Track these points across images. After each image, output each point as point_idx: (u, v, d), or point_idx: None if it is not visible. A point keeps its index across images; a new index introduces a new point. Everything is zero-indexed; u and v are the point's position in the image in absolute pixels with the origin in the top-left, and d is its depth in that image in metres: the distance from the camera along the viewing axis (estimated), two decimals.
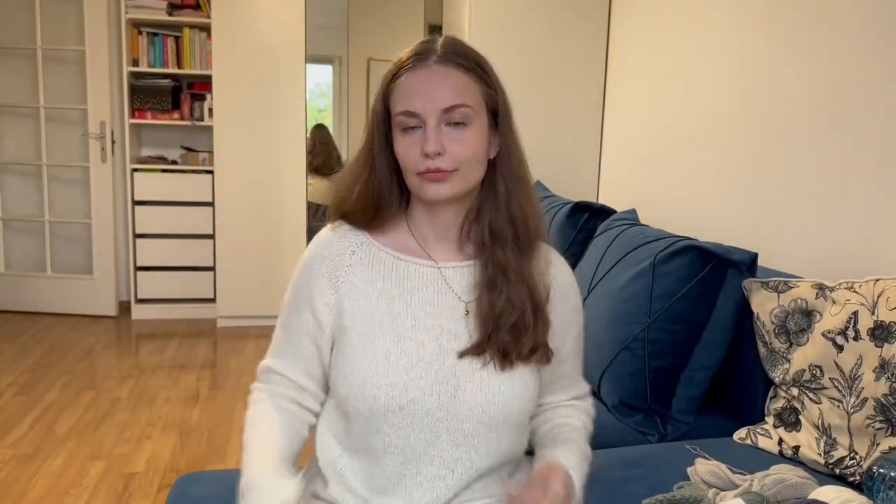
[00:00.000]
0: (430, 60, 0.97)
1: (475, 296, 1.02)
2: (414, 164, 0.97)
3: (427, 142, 0.95)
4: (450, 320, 1.02)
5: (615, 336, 1.75)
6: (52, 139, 4.13)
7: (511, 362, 1.00)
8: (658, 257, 1.72)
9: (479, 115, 0.99)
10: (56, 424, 2.67)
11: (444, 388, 0.99)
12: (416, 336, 1.00)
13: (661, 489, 1.30)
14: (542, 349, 1.02)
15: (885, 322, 1.35)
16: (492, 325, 1.00)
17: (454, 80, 0.97)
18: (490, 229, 1.02)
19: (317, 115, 6.12)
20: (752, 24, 2.18)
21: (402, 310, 1.02)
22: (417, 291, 1.03)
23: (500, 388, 1.00)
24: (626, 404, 1.73)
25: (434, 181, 0.97)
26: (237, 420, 2.76)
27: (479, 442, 1.00)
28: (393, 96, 0.99)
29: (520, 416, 1.03)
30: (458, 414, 0.99)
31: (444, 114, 0.96)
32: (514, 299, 1.00)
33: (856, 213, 1.75)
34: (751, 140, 2.17)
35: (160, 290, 4.14)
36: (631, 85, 3.01)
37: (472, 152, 0.97)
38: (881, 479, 1.12)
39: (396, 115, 0.97)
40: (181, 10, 3.99)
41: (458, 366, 1.00)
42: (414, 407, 0.98)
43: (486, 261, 1.02)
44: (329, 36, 5.55)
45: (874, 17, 1.71)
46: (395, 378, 0.98)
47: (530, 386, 1.04)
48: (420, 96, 0.95)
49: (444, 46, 0.99)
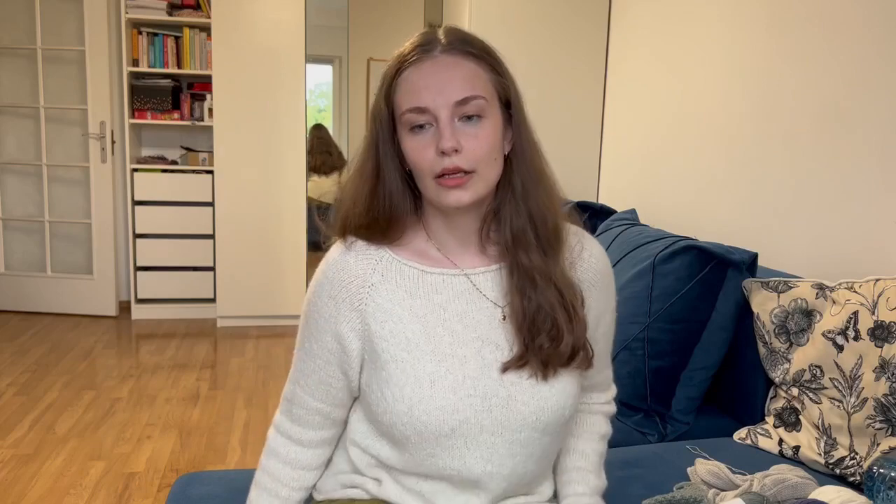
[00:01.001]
0: (435, 51, 0.90)
1: (509, 300, 0.97)
2: (430, 166, 0.89)
3: (442, 137, 0.87)
4: (488, 329, 0.96)
5: (615, 336, 1.75)
6: (52, 139, 4.13)
7: (554, 370, 0.96)
8: (658, 257, 1.72)
9: (493, 107, 0.91)
10: (56, 424, 2.67)
11: (496, 402, 0.94)
12: (457, 352, 0.95)
13: (661, 489, 1.30)
14: (582, 352, 0.97)
15: (885, 322, 1.35)
16: (527, 332, 0.94)
17: (464, 69, 0.89)
18: (511, 232, 0.95)
19: (317, 115, 6.12)
20: (752, 23, 2.18)
21: (438, 326, 0.95)
22: (450, 304, 0.96)
23: (550, 391, 0.96)
24: (626, 404, 1.73)
25: (454, 187, 0.89)
26: (237, 420, 2.76)
27: (535, 449, 0.98)
28: (397, 94, 0.91)
29: (571, 414, 1.00)
30: (511, 425, 0.95)
31: (456, 107, 0.88)
32: (545, 304, 0.94)
33: (856, 213, 1.75)
34: (751, 140, 2.17)
35: (160, 290, 4.14)
36: (631, 85, 3.01)
37: (489, 148, 0.90)
38: (881, 479, 1.12)
39: (403, 113, 0.89)
40: (181, 10, 3.99)
41: (506, 376, 0.95)
42: (467, 427, 0.93)
43: (512, 267, 0.96)
44: (329, 36, 5.55)
45: (874, 18, 1.71)
46: (443, 401, 0.93)
47: (578, 384, 1.01)
48: (429, 90, 0.88)
49: (447, 35, 0.92)
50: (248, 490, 1.11)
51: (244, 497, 1.14)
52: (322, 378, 1.00)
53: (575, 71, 3.21)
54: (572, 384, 0.98)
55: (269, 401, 2.97)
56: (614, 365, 1.73)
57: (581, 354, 0.97)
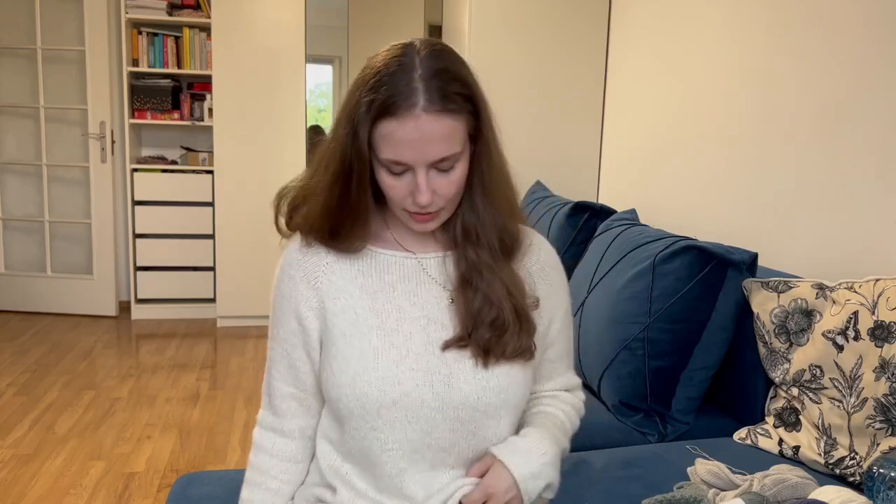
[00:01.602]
0: (416, 109, 0.88)
1: (456, 287, 1.02)
2: (401, 202, 0.96)
3: (419, 192, 0.92)
4: (435, 309, 1.01)
5: (615, 336, 1.75)
6: (52, 139, 4.13)
7: (496, 359, 0.99)
8: (658, 257, 1.72)
9: (465, 151, 0.95)
10: (56, 424, 2.67)
11: (437, 378, 0.98)
12: (402, 328, 0.99)
13: (661, 489, 1.30)
14: (525, 349, 1.01)
15: (885, 322, 1.35)
16: (471, 322, 0.99)
17: (443, 128, 0.90)
18: (462, 227, 1.01)
19: (317, 115, 6.12)
20: (752, 23, 2.18)
21: (387, 303, 1.00)
22: (400, 283, 1.02)
23: (491, 374, 0.99)
24: (626, 404, 1.73)
25: (422, 221, 0.97)
26: (237, 420, 2.76)
27: (477, 427, 1.00)
28: (376, 138, 0.92)
29: (516, 399, 1.02)
30: (452, 402, 0.98)
31: (433, 163, 0.92)
32: (492, 297, 0.99)
33: (856, 213, 1.75)
34: (751, 140, 2.17)
35: (160, 290, 4.14)
36: (631, 85, 3.01)
37: (458, 189, 0.96)
38: (881, 480, 1.12)
39: (383, 160, 0.92)
40: (181, 10, 3.99)
41: (448, 354, 0.99)
42: (408, 400, 0.97)
43: (460, 258, 1.02)
44: (329, 36, 5.54)
45: (874, 17, 1.71)
46: (385, 372, 0.97)
47: (523, 372, 1.03)
48: (410, 149, 0.90)
49: (428, 82, 0.89)
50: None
51: None
52: (291, 362, 1.04)
53: (575, 71, 3.21)
54: (517, 370, 1.01)
55: None
56: (614, 365, 1.75)
57: (524, 350, 1.01)
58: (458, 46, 1.57)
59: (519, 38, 3.14)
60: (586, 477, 1.40)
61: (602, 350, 1.79)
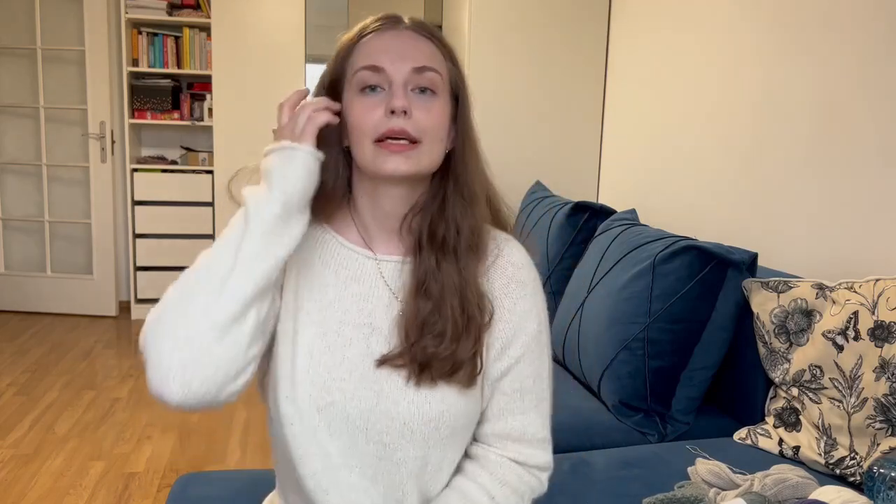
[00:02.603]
0: (400, 26, 0.90)
1: (408, 294, 0.92)
2: (374, 127, 0.85)
3: (394, 97, 0.85)
4: (382, 319, 0.91)
5: (615, 336, 1.75)
6: (52, 139, 4.13)
7: (431, 379, 0.88)
8: (658, 257, 1.72)
9: (445, 91, 0.90)
10: (56, 424, 2.67)
11: (366, 394, 0.88)
12: (343, 332, 0.90)
13: (661, 489, 1.30)
14: (468, 367, 0.89)
15: (885, 322, 1.35)
16: (415, 333, 0.89)
17: (425, 46, 0.89)
18: (429, 230, 0.91)
19: None
20: (752, 24, 2.18)
21: (335, 300, 0.91)
22: (353, 283, 0.92)
23: (423, 397, 0.88)
24: (626, 404, 1.73)
25: (395, 152, 0.85)
26: (237, 420, 2.76)
27: (403, 458, 0.90)
28: (352, 57, 0.89)
29: (451, 431, 0.91)
30: (377, 424, 0.88)
31: (412, 74, 0.87)
32: (443, 308, 0.89)
33: (856, 214, 1.75)
34: (751, 140, 2.17)
35: (160, 290, 4.06)
36: (631, 85, 3.01)
37: (437, 123, 0.88)
38: (881, 480, 1.12)
39: (357, 71, 0.87)
40: (181, 10, 3.99)
41: (381, 371, 0.89)
42: (332, 410, 0.87)
43: (419, 263, 0.91)
44: (329, 36, 5.54)
45: (875, 17, 1.71)
46: (316, 376, 0.88)
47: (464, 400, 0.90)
48: (388, 55, 0.86)
49: (412, 20, 0.92)
50: (248, 490, 1.10)
51: (244, 497, 1.14)
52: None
53: (575, 71, 3.21)
54: (453, 396, 0.89)
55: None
56: (614, 365, 1.74)
57: (464, 369, 0.89)
58: (458, 46, 1.57)
59: (519, 37, 3.14)
60: (586, 477, 1.40)
61: (602, 350, 1.79)
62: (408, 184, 0.91)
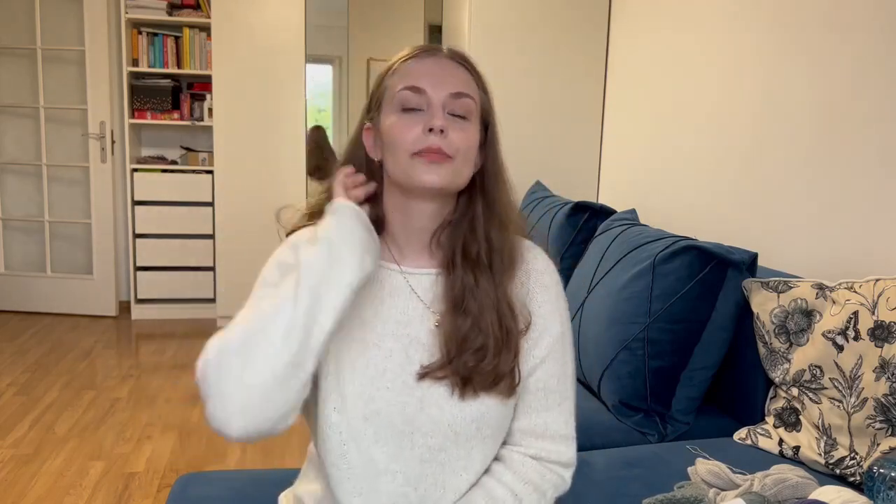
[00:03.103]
0: (439, 54, 0.97)
1: (443, 309, 0.97)
2: (412, 142, 0.92)
3: (435, 117, 0.92)
4: (419, 330, 0.97)
5: (615, 336, 1.75)
6: (52, 139, 4.13)
7: (474, 391, 0.94)
8: (658, 257, 1.72)
9: (476, 117, 0.97)
10: (56, 424, 2.67)
11: (410, 401, 0.93)
12: (383, 344, 0.96)
13: (661, 489, 1.30)
14: (507, 380, 0.95)
15: (885, 322, 1.35)
16: (455, 349, 0.94)
17: (462, 74, 0.97)
18: (463, 247, 0.97)
19: (317, 115, 6.12)
20: (753, 24, 2.18)
21: (372, 316, 0.97)
22: (388, 298, 0.98)
23: (467, 403, 0.94)
24: (626, 404, 1.72)
25: (431, 161, 0.91)
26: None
27: (447, 458, 0.95)
28: (393, 79, 0.96)
29: (492, 430, 0.97)
30: (422, 428, 0.94)
31: (450, 99, 0.94)
32: (482, 324, 0.94)
33: (856, 214, 1.75)
34: (751, 140, 2.17)
35: (160, 290, 4.14)
36: (631, 85, 3.01)
37: (469, 144, 0.95)
38: (881, 480, 1.12)
39: (399, 90, 0.94)
40: (181, 10, 3.99)
41: (425, 381, 0.95)
42: (378, 419, 0.93)
43: (455, 280, 0.97)
44: (329, 36, 5.54)
45: (876, 17, 1.71)
46: (360, 387, 0.93)
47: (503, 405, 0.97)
48: (428, 78, 0.94)
49: (450, 49, 0.99)
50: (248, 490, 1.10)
51: (244, 497, 1.14)
52: None
53: (575, 71, 3.21)
54: (494, 401, 0.95)
55: None
56: (614, 365, 1.74)
57: (505, 381, 0.95)
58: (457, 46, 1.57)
59: (519, 38, 3.14)
60: (586, 477, 1.40)
61: (602, 350, 1.79)
62: (438, 199, 0.97)
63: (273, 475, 1.31)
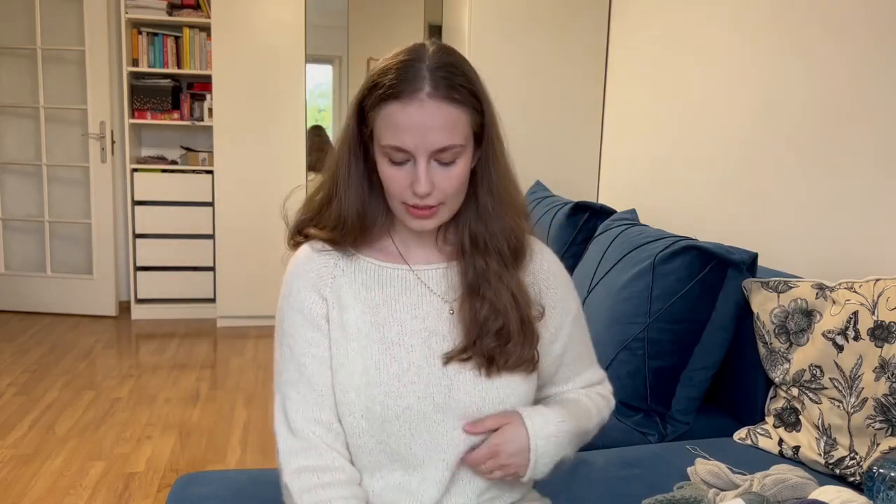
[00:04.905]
0: (421, 94, 0.90)
1: (458, 296, 1.02)
2: (400, 194, 0.95)
3: (418, 183, 0.92)
4: (436, 322, 1.01)
5: (615, 336, 1.75)
6: (52, 139, 4.13)
7: (498, 369, 0.99)
8: (658, 257, 1.72)
9: (468, 147, 0.95)
10: (56, 424, 2.67)
11: (438, 390, 0.98)
12: (404, 341, 1.00)
13: (661, 489, 1.30)
14: (528, 361, 1.01)
15: (885, 322, 1.35)
16: (476, 331, 0.99)
17: (446, 116, 0.91)
18: (470, 237, 1.01)
19: (317, 115, 6.12)
20: (753, 24, 2.18)
21: (388, 317, 1.01)
22: (401, 297, 1.02)
23: (492, 384, 1.00)
24: (626, 404, 1.72)
25: (420, 217, 0.96)
26: (237, 420, 2.76)
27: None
28: (379, 123, 0.93)
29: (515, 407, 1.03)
30: (454, 413, 0.99)
31: (434, 153, 0.92)
32: (498, 306, 0.99)
33: (856, 214, 1.75)
34: (751, 140, 2.17)
35: (160, 290, 4.14)
36: (631, 85, 3.01)
37: (459, 185, 0.95)
38: (881, 480, 1.12)
39: (384, 146, 0.93)
40: (181, 10, 3.99)
41: (449, 366, 0.99)
42: (410, 413, 0.98)
43: (467, 267, 1.01)
44: (329, 36, 5.54)
45: (876, 17, 1.71)
46: (388, 386, 0.97)
47: (526, 382, 1.03)
48: (411, 134, 0.90)
49: (434, 71, 0.91)
50: (248, 490, 1.10)
51: (244, 497, 1.14)
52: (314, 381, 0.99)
53: (575, 71, 3.21)
54: (518, 380, 1.02)
55: (268, 401, 2.97)
56: (614, 365, 1.75)
57: (526, 364, 1.01)
58: (458, 46, 1.57)
59: (519, 37, 3.14)
60: (586, 477, 1.40)
61: (602, 350, 1.77)
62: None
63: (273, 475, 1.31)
